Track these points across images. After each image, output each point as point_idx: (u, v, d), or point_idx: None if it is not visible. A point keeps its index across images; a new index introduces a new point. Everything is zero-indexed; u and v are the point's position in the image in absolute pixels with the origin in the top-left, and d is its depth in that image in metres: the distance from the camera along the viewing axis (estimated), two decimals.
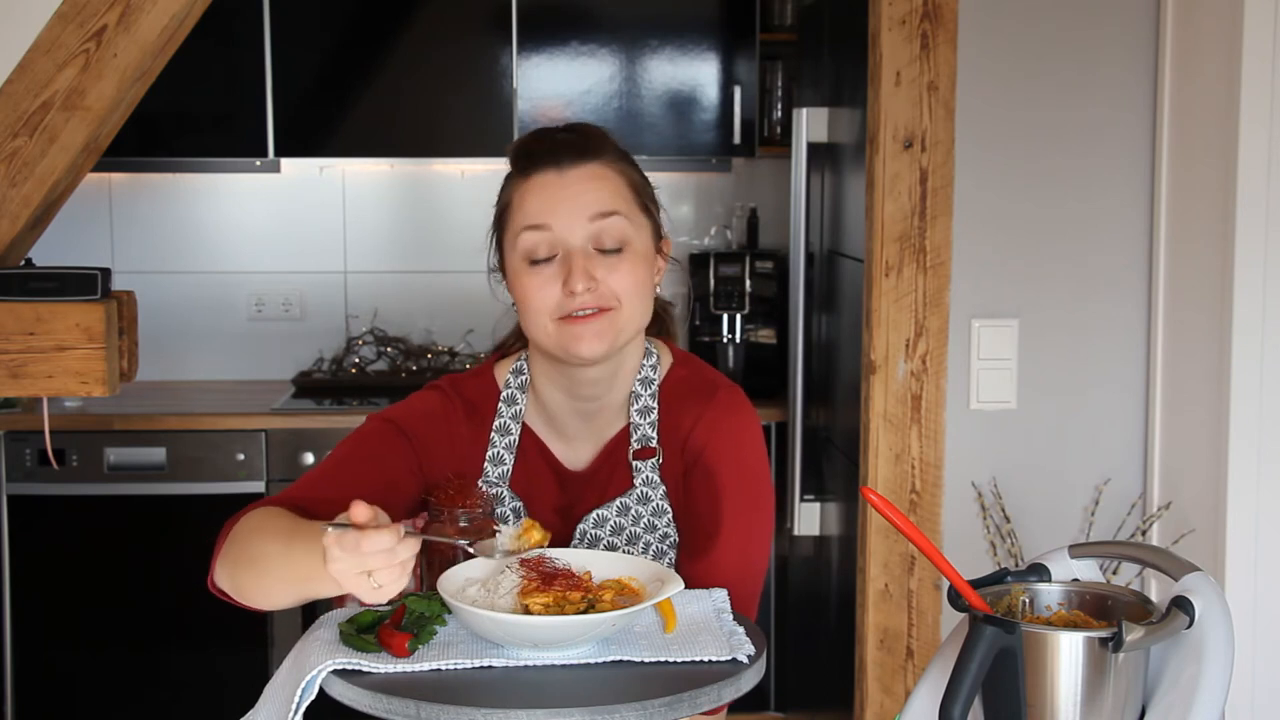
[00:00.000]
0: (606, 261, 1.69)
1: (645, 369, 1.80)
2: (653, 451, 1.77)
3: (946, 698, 1.31)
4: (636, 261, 1.71)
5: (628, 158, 1.77)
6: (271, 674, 1.57)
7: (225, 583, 1.62)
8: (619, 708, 1.36)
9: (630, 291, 1.69)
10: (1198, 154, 2.72)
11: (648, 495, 1.77)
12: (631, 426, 1.78)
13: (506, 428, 1.79)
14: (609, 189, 1.70)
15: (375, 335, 4.54)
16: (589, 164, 1.70)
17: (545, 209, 1.69)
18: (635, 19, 4.25)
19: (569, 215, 1.68)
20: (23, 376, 2.21)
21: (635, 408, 1.78)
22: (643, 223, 1.74)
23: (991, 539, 2.88)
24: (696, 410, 1.77)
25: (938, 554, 1.39)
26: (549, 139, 1.73)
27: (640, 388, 1.79)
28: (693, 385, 1.80)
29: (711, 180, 4.60)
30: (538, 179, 1.70)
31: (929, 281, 2.84)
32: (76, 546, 4.00)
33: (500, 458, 1.79)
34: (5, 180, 2.20)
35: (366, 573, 1.39)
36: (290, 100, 4.21)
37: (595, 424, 1.80)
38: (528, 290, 1.69)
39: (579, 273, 1.66)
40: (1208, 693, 1.34)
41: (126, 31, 2.17)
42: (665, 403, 1.79)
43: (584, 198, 1.69)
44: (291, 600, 1.56)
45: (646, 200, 1.76)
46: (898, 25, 2.79)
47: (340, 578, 1.40)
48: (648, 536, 1.77)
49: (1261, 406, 2.59)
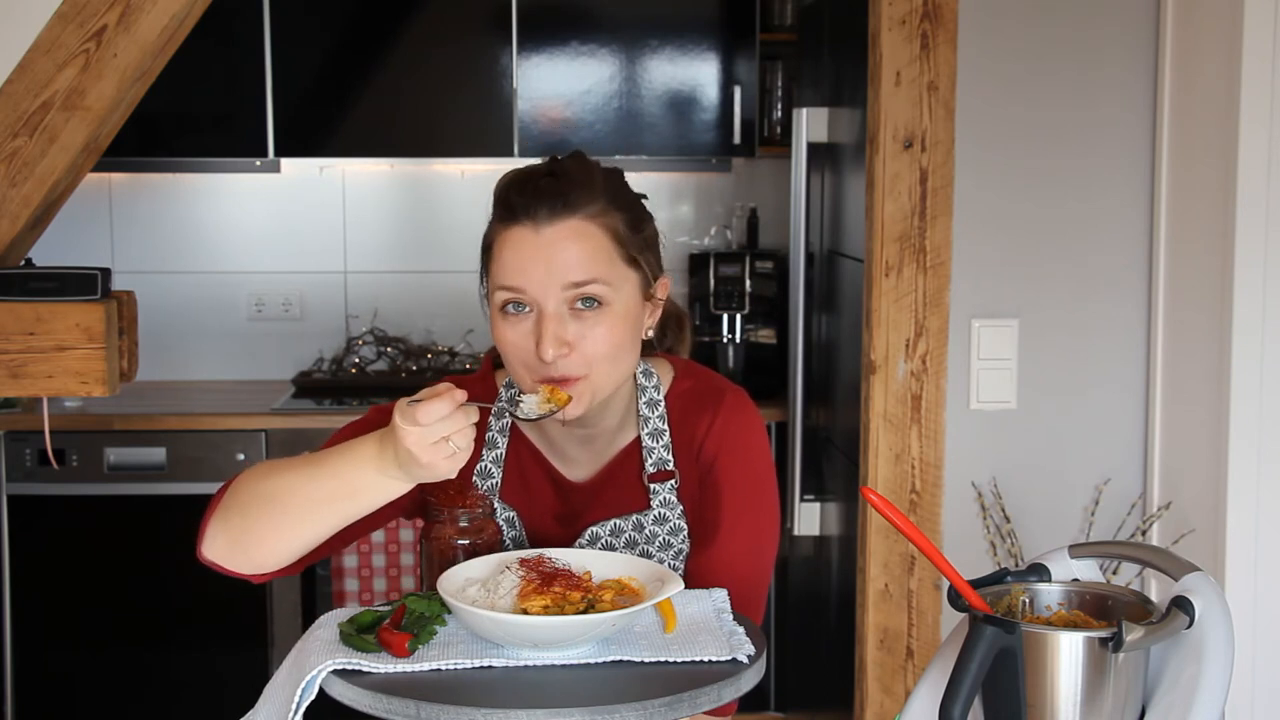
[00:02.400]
0: (582, 323, 1.63)
1: (649, 391, 1.77)
2: (670, 475, 1.76)
3: (946, 698, 1.31)
4: (615, 322, 1.64)
5: (622, 199, 1.68)
6: (271, 674, 1.57)
7: (222, 541, 1.59)
8: (619, 708, 1.36)
9: (605, 355, 1.64)
10: (1198, 154, 2.72)
11: (665, 516, 1.76)
12: (645, 450, 1.76)
13: (494, 441, 1.78)
14: (588, 251, 1.62)
15: (375, 335, 4.54)
16: (568, 220, 1.62)
17: (519, 270, 1.62)
18: (635, 19, 4.25)
19: (542, 281, 1.61)
20: (23, 376, 2.21)
21: (646, 431, 1.76)
22: (627, 276, 1.66)
23: (991, 539, 2.88)
24: (707, 419, 1.76)
25: (938, 554, 1.39)
26: (531, 187, 1.64)
27: (647, 410, 1.77)
28: (700, 395, 1.78)
29: (711, 180, 4.60)
30: (515, 233, 1.63)
31: (929, 281, 2.84)
32: (76, 546, 4.00)
33: (488, 471, 1.78)
34: (5, 180, 2.20)
35: (445, 439, 1.44)
36: (290, 100, 4.21)
37: (595, 445, 1.78)
38: (504, 340, 1.66)
39: (549, 339, 1.61)
40: (1208, 693, 1.34)
41: (126, 31, 2.17)
42: (675, 419, 1.77)
43: (558, 262, 1.61)
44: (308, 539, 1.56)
45: (634, 250, 1.67)
46: (898, 25, 2.79)
47: (418, 449, 1.44)
48: (661, 554, 1.76)
49: (1261, 406, 2.59)
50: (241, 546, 1.58)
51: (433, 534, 1.67)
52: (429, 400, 1.44)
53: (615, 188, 1.69)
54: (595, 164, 1.72)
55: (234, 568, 1.60)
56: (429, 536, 1.68)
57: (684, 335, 1.88)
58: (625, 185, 1.72)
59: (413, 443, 1.44)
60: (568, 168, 1.68)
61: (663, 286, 1.74)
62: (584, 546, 1.75)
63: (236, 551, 1.59)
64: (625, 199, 1.70)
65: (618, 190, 1.69)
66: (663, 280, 1.74)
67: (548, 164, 1.70)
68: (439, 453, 1.45)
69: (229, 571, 1.61)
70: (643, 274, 1.69)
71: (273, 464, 1.59)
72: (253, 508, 1.56)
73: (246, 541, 1.58)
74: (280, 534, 1.56)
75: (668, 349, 1.87)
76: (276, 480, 1.56)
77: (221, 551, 1.59)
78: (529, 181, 1.65)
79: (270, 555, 1.58)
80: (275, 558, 1.58)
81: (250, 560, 1.59)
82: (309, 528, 1.56)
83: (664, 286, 1.74)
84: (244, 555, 1.59)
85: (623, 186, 1.72)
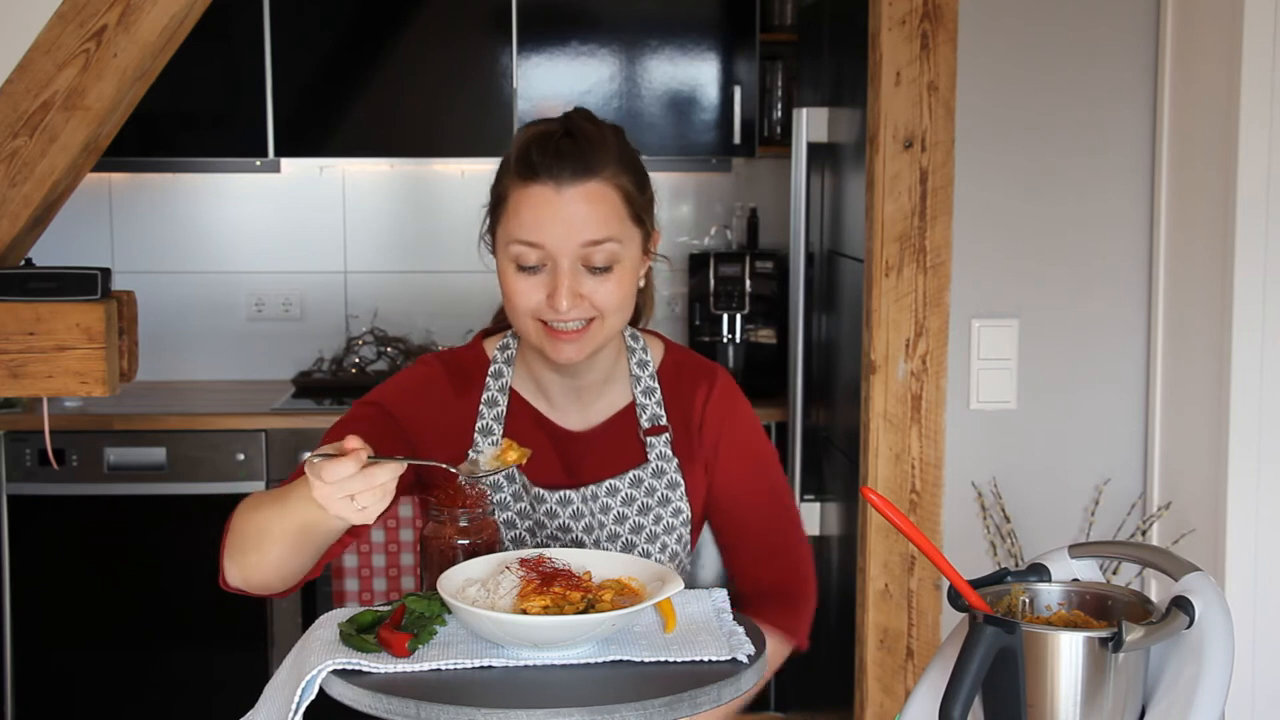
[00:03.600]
0: (594, 278, 1.72)
1: (638, 353, 1.88)
2: (664, 429, 1.85)
3: (946, 698, 1.31)
4: (624, 276, 1.74)
5: (629, 160, 1.77)
6: (271, 674, 1.57)
7: (235, 574, 1.66)
8: (619, 708, 1.36)
9: (614, 305, 1.74)
10: (1198, 154, 2.72)
11: (662, 469, 1.85)
12: (639, 407, 1.86)
13: (494, 400, 1.85)
14: (604, 212, 1.71)
15: (375, 335, 4.54)
16: (588, 183, 1.70)
17: (538, 227, 1.70)
18: (635, 19, 4.25)
19: (562, 237, 1.70)
20: (23, 376, 2.21)
21: (639, 389, 1.87)
22: (634, 234, 1.76)
23: (991, 539, 2.88)
24: (704, 391, 1.88)
25: (938, 554, 1.39)
26: (552, 147, 1.71)
27: (638, 370, 1.88)
28: (692, 368, 1.90)
29: (711, 180, 4.60)
30: (535, 191, 1.70)
31: (929, 281, 2.84)
32: (76, 546, 4.00)
33: (489, 429, 1.83)
34: (5, 180, 2.20)
35: (349, 496, 1.46)
36: (290, 100, 4.21)
37: (584, 398, 1.86)
38: (514, 290, 1.74)
39: (565, 292, 1.70)
40: (1208, 693, 1.34)
41: (126, 31, 2.17)
42: (667, 384, 1.88)
43: (578, 221, 1.70)
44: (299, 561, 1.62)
45: (641, 210, 1.77)
46: (898, 25, 2.79)
47: (326, 503, 1.47)
48: (659, 509, 1.84)
49: (1261, 406, 2.59)
50: (251, 575, 1.66)
51: (433, 534, 1.68)
52: (333, 461, 1.46)
53: (623, 148, 1.78)
54: (604, 124, 1.80)
55: (256, 591, 1.68)
56: (429, 536, 1.68)
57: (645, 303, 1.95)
58: (629, 144, 1.81)
59: (321, 498, 1.48)
60: (584, 128, 1.75)
61: (655, 240, 1.84)
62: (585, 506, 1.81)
63: (251, 579, 1.66)
64: (632, 159, 1.79)
65: (625, 151, 1.78)
66: (656, 233, 1.83)
67: (563, 122, 1.76)
68: (346, 508, 1.48)
69: (255, 594, 1.69)
70: (645, 231, 1.79)
71: (257, 498, 1.66)
72: (248, 541, 1.64)
73: (254, 570, 1.65)
74: (277, 561, 1.63)
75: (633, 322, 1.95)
76: (256, 515, 1.63)
77: (238, 581, 1.68)
78: (549, 141, 1.72)
79: (277, 577, 1.65)
80: (282, 578, 1.65)
81: (266, 584, 1.66)
82: (295, 554, 1.62)
83: (656, 240, 1.84)
84: (258, 581, 1.66)
85: (628, 146, 1.80)
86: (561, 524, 1.81)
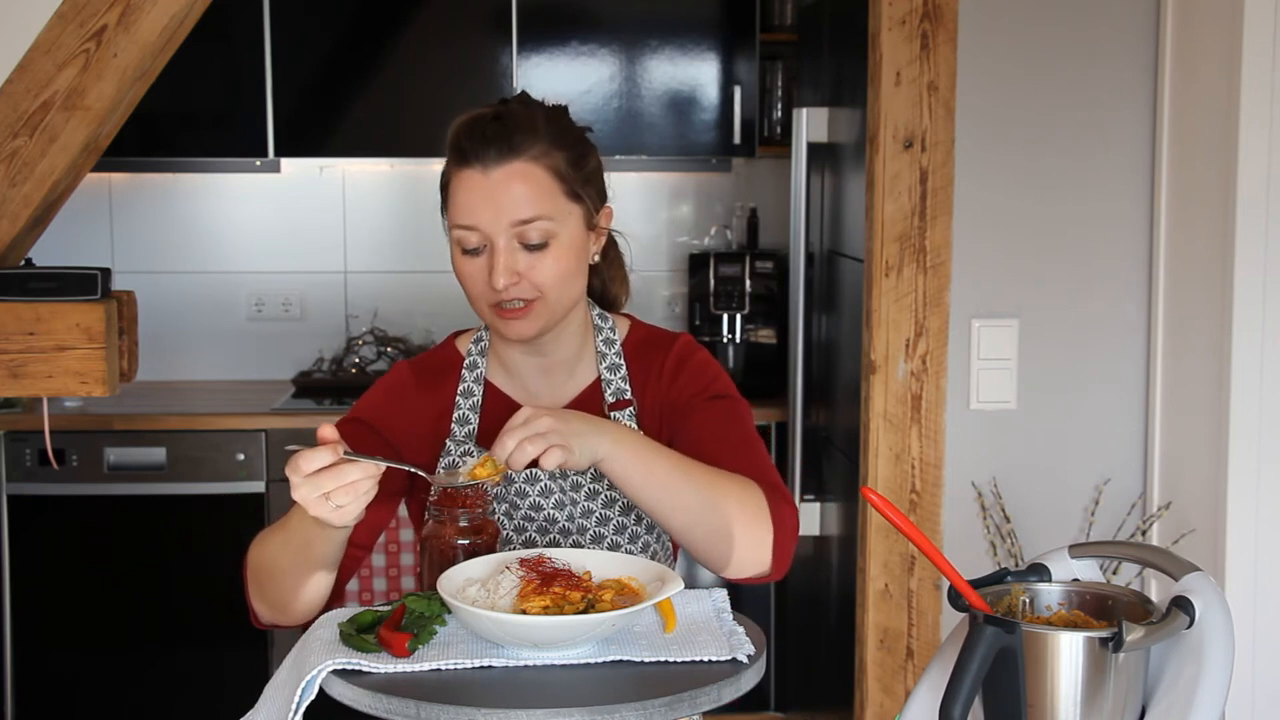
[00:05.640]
0: (531, 255, 1.75)
1: (604, 331, 1.91)
2: (629, 403, 1.87)
3: (946, 698, 1.31)
4: (561, 253, 1.76)
5: (562, 138, 1.78)
6: (271, 674, 1.57)
7: (264, 611, 1.73)
8: (619, 708, 1.36)
9: (553, 283, 1.76)
10: (1198, 154, 2.72)
11: None
12: (604, 383, 1.88)
13: (470, 390, 1.88)
14: (531, 191, 1.74)
15: (375, 335, 4.54)
16: (512, 163, 1.74)
17: (471, 210, 1.75)
18: (635, 19, 4.25)
19: (492, 218, 1.74)
20: (23, 376, 2.21)
21: (604, 365, 1.89)
22: (571, 210, 1.77)
23: (991, 539, 2.88)
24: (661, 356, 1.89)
25: (938, 554, 1.39)
26: (478, 132, 1.75)
27: (604, 347, 1.90)
28: (656, 340, 1.92)
29: (711, 180, 4.60)
30: (466, 175, 1.75)
31: (929, 281, 2.84)
32: (76, 546, 4.00)
33: (466, 418, 1.87)
34: (5, 180, 2.20)
35: (324, 495, 1.50)
36: (290, 100, 4.21)
37: (554, 378, 1.88)
38: (462, 274, 1.79)
39: (500, 270, 1.73)
40: (1208, 693, 1.34)
41: (126, 31, 2.17)
42: (632, 360, 1.90)
43: (505, 201, 1.73)
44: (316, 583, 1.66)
45: (576, 186, 1.78)
46: (898, 25, 2.79)
47: (305, 504, 1.51)
48: None
49: (1261, 406, 2.59)
50: (278, 609, 1.71)
51: (433, 534, 1.68)
52: (309, 450, 1.50)
53: (558, 128, 1.80)
54: (539, 105, 1.83)
55: (287, 622, 1.73)
56: (429, 536, 1.68)
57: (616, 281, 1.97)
58: (568, 124, 1.83)
59: (299, 496, 1.51)
60: (513, 111, 1.79)
61: (606, 215, 1.85)
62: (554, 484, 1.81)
63: (278, 614, 1.72)
64: (567, 138, 1.80)
65: (559, 130, 1.80)
66: (606, 209, 1.85)
67: (494, 108, 1.80)
68: (322, 508, 1.51)
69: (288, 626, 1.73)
70: (585, 206, 1.80)
71: (263, 534, 1.72)
72: (264, 575, 1.70)
73: (278, 605, 1.70)
74: (296, 591, 1.67)
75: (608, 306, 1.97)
76: (266, 549, 1.70)
77: (269, 618, 1.73)
78: (476, 126, 1.76)
79: (303, 606, 1.69)
80: (306, 603, 1.69)
81: (293, 616, 1.71)
82: (307, 574, 1.66)
83: (607, 215, 1.85)
84: (284, 614, 1.71)
85: (565, 126, 1.82)
86: (533, 502, 1.82)
